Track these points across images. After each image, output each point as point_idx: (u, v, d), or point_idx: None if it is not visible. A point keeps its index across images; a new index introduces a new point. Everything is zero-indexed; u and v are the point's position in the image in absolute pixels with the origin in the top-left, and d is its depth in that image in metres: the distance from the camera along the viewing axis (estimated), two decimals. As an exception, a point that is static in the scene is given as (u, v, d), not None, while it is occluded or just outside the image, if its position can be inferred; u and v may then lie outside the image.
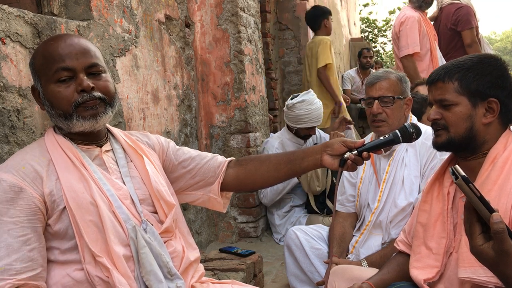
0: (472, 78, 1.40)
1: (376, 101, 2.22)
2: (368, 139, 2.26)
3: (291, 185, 3.57)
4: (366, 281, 1.61)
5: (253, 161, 1.60)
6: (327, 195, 3.53)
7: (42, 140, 1.38)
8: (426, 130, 2.00)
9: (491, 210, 1.02)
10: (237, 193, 3.57)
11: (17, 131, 1.67)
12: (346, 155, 1.41)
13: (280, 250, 3.34)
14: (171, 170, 1.59)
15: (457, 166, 1.06)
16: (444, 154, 1.98)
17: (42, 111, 1.77)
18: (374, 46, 12.08)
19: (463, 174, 1.04)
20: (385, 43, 13.00)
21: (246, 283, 1.97)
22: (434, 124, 1.47)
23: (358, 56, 7.09)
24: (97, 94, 1.33)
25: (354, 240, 2.32)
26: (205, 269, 1.76)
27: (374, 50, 11.50)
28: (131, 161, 1.46)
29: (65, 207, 1.26)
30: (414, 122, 1.50)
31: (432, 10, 4.54)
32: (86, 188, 1.30)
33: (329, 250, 2.33)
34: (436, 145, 1.48)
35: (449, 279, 1.41)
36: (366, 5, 12.85)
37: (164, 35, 2.95)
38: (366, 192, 2.31)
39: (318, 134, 3.81)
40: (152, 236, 1.34)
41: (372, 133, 2.40)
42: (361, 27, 12.03)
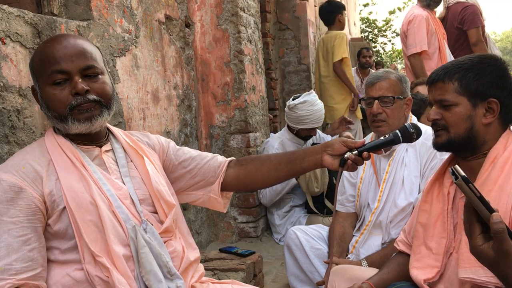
0: (472, 78, 1.40)
1: (376, 101, 2.22)
2: (368, 139, 2.26)
3: (290, 185, 3.57)
4: (366, 281, 1.61)
5: (253, 161, 1.60)
6: (326, 196, 3.53)
7: (42, 140, 1.38)
8: (426, 130, 2.00)
9: (491, 210, 1.02)
10: (237, 193, 3.57)
11: (17, 131, 1.67)
12: (346, 155, 1.42)
13: (280, 250, 3.34)
14: (171, 170, 1.59)
15: (457, 166, 1.06)
16: (444, 154, 1.98)
17: (42, 111, 1.77)
18: (374, 46, 12.08)
19: (463, 174, 1.04)
20: (385, 43, 13.01)
21: (246, 283, 1.97)
22: (434, 124, 1.47)
23: (357, 55, 7.09)
24: (91, 97, 1.32)
25: (354, 240, 2.32)
26: (205, 269, 1.76)
27: (374, 50, 11.51)
28: (131, 161, 1.46)
29: (65, 207, 1.26)
30: (414, 122, 1.50)
31: (439, 10, 4.54)
32: (86, 188, 1.30)
33: (329, 250, 2.33)
34: (436, 145, 1.48)
35: (449, 279, 1.41)
36: (366, 5, 12.85)
37: (164, 35, 2.95)
38: (366, 192, 2.31)
39: (318, 134, 3.81)
40: (152, 236, 1.34)
41: (372, 133, 2.40)
42: (361, 27, 12.04)
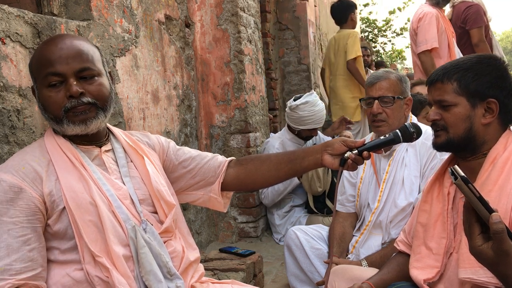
0: (471, 78, 1.40)
1: (376, 101, 2.23)
2: (368, 139, 2.26)
3: (292, 185, 3.56)
4: (366, 281, 1.61)
5: (253, 160, 1.60)
6: (327, 195, 3.53)
7: (42, 140, 1.38)
8: (426, 130, 2.00)
9: (490, 210, 1.02)
10: (237, 193, 3.57)
11: (17, 131, 1.67)
12: (346, 155, 1.42)
13: (280, 250, 3.34)
14: (172, 170, 1.59)
15: (456, 166, 1.06)
16: (444, 154, 1.98)
17: (41, 112, 1.77)
18: (374, 46, 12.07)
19: (462, 174, 1.04)
20: (385, 43, 13.00)
21: (246, 283, 1.97)
22: (433, 124, 1.47)
23: None
24: (86, 100, 1.32)
25: (354, 240, 2.32)
26: (205, 269, 1.76)
27: (374, 50, 11.49)
28: (131, 161, 1.46)
29: (64, 207, 1.26)
30: (414, 122, 1.50)
31: (447, 9, 4.54)
32: (85, 188, 1.30)
33: (329, 250, 2.33)
34: (435, 145, 1.48)
35: (449, 280, 1.41)
36: (366, 5, 12.84)
37: (164, 35, 2.95)
38: (366, 192, 2.31)
39: (319, 135, 3.81)
40: (151, 236, 1.34)
41: (372, 133, 2.40)
42: (361, 27, 12.02)
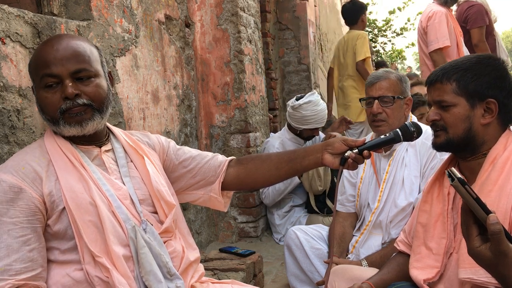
0: (470, 78, 1.39)
1: (376, 101, 2.23)
2: (368, 139, 2.26)
3: (293, 185, 3.56)
4: (366, 281, 1.61)
5: (254, 160, 1.60)
6: (328, 195, 3.53)
7: (42, 140, 1.38)
8: (426, 130, 2.00)
9: (488, 212, 1.02)
10: (237, 193, 3.57)
11: (17, 131, 1.67)
12: (346, 154, 1.42)
13: (280, 250, 3.34)
14: (172, 170, 1.59)
15: (453, 168, 1.06)
16: (444, 154, 1.98)
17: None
18: (374, 46, 12.06)
19: (459, 176, 1.04)
20: (385, 43, 12.99)
21: (246, 283, 1.97)
22: (433, 125, 1.47)
23: None
24: (81, 101, 1.31)
25: (354, 240, 2.32)
26: (205, 269, 1.76)
27: (374, 50, 11.48)
28: (132, 161, 1.46)
29: (64, 208, 1.26)
30: (415, 122, 1.51)
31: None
32: (85, 188, 1.30)
33: (329, 250, 2.33)
34: (435, 145, 1.48)
35: (449, 280, 1.41)
36: (366, 5, 12.83)
37: (164, 35, 2.95)
38: (366, 192, 2.31)
39: (319, 135, 3.81)
40: (151, 236, 1.34)
41: (372, 132, 2.40)
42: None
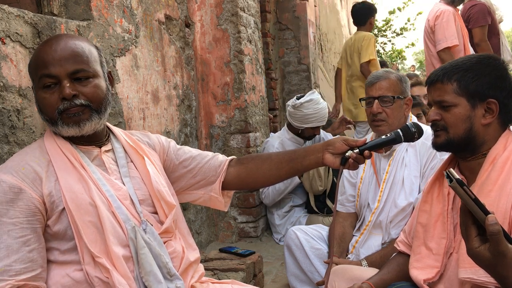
0: (471, 79, 1.39)
1: (376, 100, 2.23)
2: (368, 139, 2.27)
3: (293, 185, 3.56)
4: (366, 281, 1.61)
5: (254, 159, 1.60)
6: (328, 195, 3.53)
7: (42, 140, 1.38)
8: (426, 130, 2.00)
9: (486, 212, 1.02)
10: (237, 193, 3.57)
11: (17, 131, 1.67)
12: (347, 154, 1.42)
13: (280, 250, 3.34)
14: (172, 170, 1.59)
15: (451, 169, 1.07)
16: (444, 154, 1.98)
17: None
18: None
19: (457, 177, 1.04)
20: (385, 43, 13.00)
21: (246, 283, 1.97)
22: (433, 125, 1.47)
23: None
24: (79, 102, 1.31)
25: (354, 240, 2.32)
26: (205, 269, 1.76)
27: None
28: (132, 161, 1.45)
29: (64, 208, 1.26)
30: (416, 122, 1.50)
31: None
32: (85, 189, 1.30)
33: (329, 250, 2.33)
34: (435, 145, 1.48)
35: (449, 280, 1.41)
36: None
37: (164, 35, 2.95)
38: (366, 192, 2.31)
39: (320, 134, 3.80)
40: (151, 236, 1.34)
41: (372, 132, 2.40)
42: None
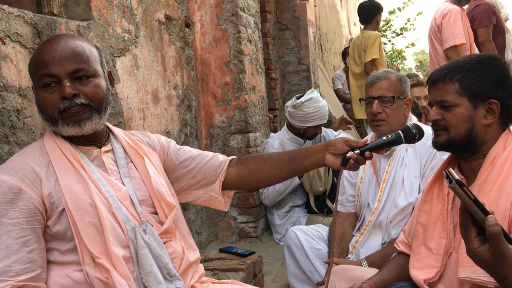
0: (472, 79, 1.39)
1: (375, 100, 2.23)
2: (368, 139, 2.27)
3: (293, 185, 3.56)
4: (366, 281, 1.61)
5: (254, 159, 1.60)
6: (328, 195, 3.53)
7: (42, 141, 1.38)
8: (426, 130, 2.00)
9: (486, 213, 1.02)
10: (237, 193, 3.57)
11: (17, 131, 1.67)
12: (348, 154, 1.42)
13: (280, 250, 3.34)
14: (172, 170, 1.58)
15: (451, 169, 1.06)
16: (444, 154, 1.97)
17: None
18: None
19: (457, 177, 1.04)
20: (385, 43, 12.99)
21: (246, 283, 1.97)
22: (434, 124, 1.47)
23: (343, 55, 6.96)
24: (79, 101, 1.31)
25: (354, 240, 2.32)
26: (205, 269, 1.76)
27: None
28: (132, 161, 1.45)
29: (64, 209, 1.26)
30: (416, 123, 1.50)
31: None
32: (85, 189, 1.29)
33: (329, 250, 2.33)
34: (435, 144, 1.48)
35: (449, 279, 1.41)
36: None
37: (164, 35, 2.95)
38: (366, 192, 2.31)
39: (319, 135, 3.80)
40: (151, 237, 1.34)
41: (372, 133, 2.40)
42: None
